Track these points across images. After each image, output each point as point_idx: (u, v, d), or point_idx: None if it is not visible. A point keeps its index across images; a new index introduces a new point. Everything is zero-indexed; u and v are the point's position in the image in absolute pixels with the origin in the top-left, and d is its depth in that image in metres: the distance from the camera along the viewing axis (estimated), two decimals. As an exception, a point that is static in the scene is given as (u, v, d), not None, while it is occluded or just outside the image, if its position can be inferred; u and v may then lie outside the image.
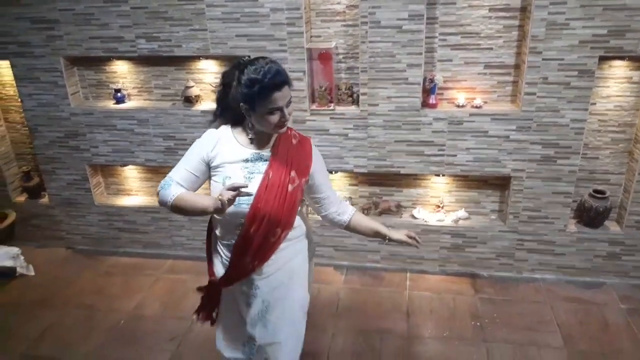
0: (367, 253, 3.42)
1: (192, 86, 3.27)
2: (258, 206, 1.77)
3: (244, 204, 1.77)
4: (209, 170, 1.85)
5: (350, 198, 3.43)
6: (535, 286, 3.19)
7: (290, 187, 1.83)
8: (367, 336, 2.82)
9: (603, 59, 2.81)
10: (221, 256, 1.95)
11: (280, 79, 1.70)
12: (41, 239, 3.86)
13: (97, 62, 3.40)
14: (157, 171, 3.66)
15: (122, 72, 3.42)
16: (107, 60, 3.37)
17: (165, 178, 1.82)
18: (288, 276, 1.95)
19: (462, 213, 3.31)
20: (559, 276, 3.26)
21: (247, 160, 1.81)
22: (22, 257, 3.53)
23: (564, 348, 2.68)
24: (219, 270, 1.96)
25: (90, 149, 3.48)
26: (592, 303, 3.03)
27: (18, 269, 3.48)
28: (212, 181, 1.86)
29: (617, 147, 3.08)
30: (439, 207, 3.35)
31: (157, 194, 1.82)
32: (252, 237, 1.81)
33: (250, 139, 1.83)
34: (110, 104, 3.41)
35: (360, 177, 3.40)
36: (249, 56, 1.71)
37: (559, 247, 3.19)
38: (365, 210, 3.40)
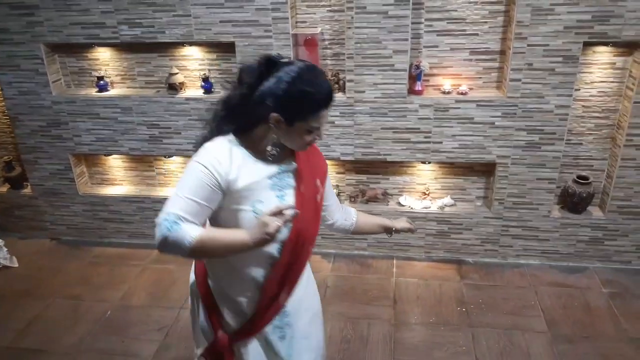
0: (355, 241, 3.43)
1: (176, 73, 3.22)
2: (299, 226, 1.49)
3: (285, 230, 1.47)
4: (224, 198, 1.45)
5: (337, 186, 3.42)
6: (520, 271, 3.23)
7: (318, 197, 1.61)
8: (355, 323, 2.84)
9: (587, 45, 2.82)
10: (235, 302, 1.60)
11: (332, 97, 1.44)
12: (24, 230, 3.81)
13: (79, 49, 3.34)
14: (141, 160, 3.62)
15: (104, 59, 3.36)
16: (89, 47, 3.31)
17: (165, 215, 1.39)
18: (305, 284, 1.70)
19: (447, 200, 3.32)
20: (543, 261, 3.30)
21: (271, 177, 1.49)
22: (5, 249, 3.48)
23: (548, 332, 2.73)
24: (231, 320, 1.62)
25: (73, 138, 3.43)
26: (575, 287, 3.07)
27: (1, 261, 3.43)
28: (237, 210, 1.45)
29: (600, 133, 3.11)
30: (425, 194, 3.36)
31: (162, 237, 1.38)
32: (290, 263, 1.54)
33: (272, 154, 1.49)
34: (93, 92, 3.35)
35: (347, 165, 3.39)
36: (278, 53, 1.47)
37: (543, 233, 3.23)
38: (353, 198, 3.40)
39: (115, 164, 3.69)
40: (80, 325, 2.89)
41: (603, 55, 2.91)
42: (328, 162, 3.33)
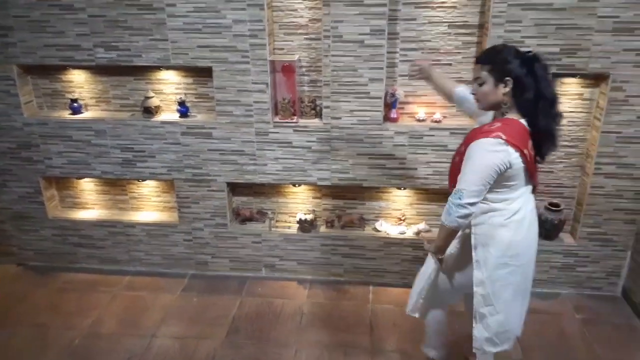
0: (331, 267, 3.41)
1: (152, 97, 3.21)
2: (451, 162, 2.18)
3: None
4: None
5: (314, 211, 3.42)
6: (495, 297, 3.25)
7: (457, 158, 2.08)
8: (331, 350, 2.80)
9: (556, 76, 2.91)
10: None
11: (480, 54, 2.03)
12: (-10, 255, 3.69)
13: (53, 71, 3.29)
14: (114, 184, 3.56)
15: (79, 81, 3.32)
16: (63, 69, 3.27)
17: None
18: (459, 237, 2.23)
19: (423, 226, 3.34)
20: (517, 287, 3.32)
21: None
22: (-32, 274, 3.36)
23: (522, 359, 2.73)
24: None
25: (44, 161, 3.35)
26: (548, 314, 3.10)
27: (-36, 287, 3.30)
28: None
29: (570, 161, 3.19)
30: (400, 219, 3.38)
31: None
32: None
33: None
34: (66, 114, 3.30)
35: (324, 190, 3.40)
36: (531, 51, 1.95)
37: (516, 259, 3.26)
38: (329, 223, 3.40)
39: (88, 187, 3.62)
40: (47, 355, 2.78)
41: (571, 86, 3.01)
42: (304, 186, 3.35)
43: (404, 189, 3.28)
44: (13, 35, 3.06)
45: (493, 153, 1.88)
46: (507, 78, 1.90)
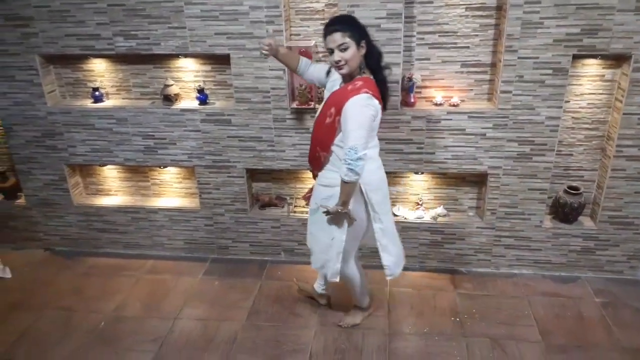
0: (348, 250, 3.44)
1: (171, 84, 3.25)
2: (314, 126, 2.46)
3: (314, 122, 2.47)
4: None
5: (331, 196, 3.44)
6: (513, 281, 3.25)
7: (327, 120, 2.33)
8: (349, 333, 2.84)
9: (576, 58, 2.87)
10: None
11: (333, 24, 2.23)
12: (18, 241, 3.80)
13: (74, 60, 3.35)
14: (136, 170, 3.63)
15: (99, 70, 3.38)
16: (84, 58, 3.33)
17: None
18: (331, 194, 2.40)
19: (440, 210, 3.35)
20: (536, 271, 3.32)
21: (327, 90, 2.47)
22: (-2, 259, 3.47)
23: (541, 342, 2.74)
24: None
25: (67, 149, 3.43)
26: (568, 297, 3.10)
27: (-6, 272, 3.42)
28: None
29: (590, 144, 3.15)
30: (418, 204, 3.39)
31: None
32: (310, 149, 2.52)
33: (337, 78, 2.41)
34: (88, 103, 3.37)
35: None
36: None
37: (535, 243, 3.25)
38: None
39: (110, 174, 3.70)
40: (73, 337, 2.88)
41: (592, 67, 2.96)
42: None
43: (422, 173, 3.28)
44: (34, 26, 3.12)
45: (367, 107, 2.22)
46: (363, 41, 2.26)
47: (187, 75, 3.31)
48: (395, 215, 3.37)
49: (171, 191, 3.69)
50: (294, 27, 3.10)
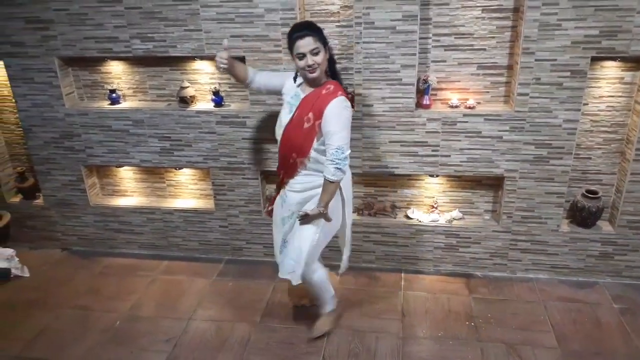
0: (362, 254, 3.43)
1: (187, 87, 3.27)
2: (285, 133, 2.45)
3: (281, 130, 2.46)
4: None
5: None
6: (529, 286, 3.21)
7: (306, 125, 2.35)
8: (362, 336, 2.83)
9: (595, 60, 2.83)
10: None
11: (302, 30, 2.28)
12: (36, 240, 3.86)
13: (92, 63, 3.40)
14: (152, 172, 3.66)
15: (116, 72, 3.42)
16: (102, 60, 3.37)
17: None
18: (307, 199, 2.49)
19: (456, 213, 3.32)
20: (552, 276, 3.28)
21: (291, 97, 2.46)
22: (16, 259, 3.52)
23: (557, 348, 2.70)
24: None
25: (85, 150, 3.48)
26: (585, 303, 3.05)
27: (13, 271, 3.47)
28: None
29: (609, 148, 3.11)
30: (433, 207, 3.36)
31: None
32: (281, 154, 2.51)
33: (298, 84, 2.48)
34: (105, 105, 3.41)
35: (355, 178, 3.40)
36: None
37: (552, 247, 3.21)
38: (360, 211, 3.41)
39: (127, 175, 3.73)
40: (89, 336, 2.91)
41: (611, 70, 2.92)
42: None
43: (437, 176, 3.26)
44: (54, 29, 3.17)
45: (346, 108, 2.34)
46: (327, 45, 2.36)
47: (203, 78, 3.34)
48: (409, 218, 3.35)
49: (186, 192, 3.72)
50: (309, 30, 3.10)
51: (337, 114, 2.31)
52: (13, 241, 3.84)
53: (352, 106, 2.51)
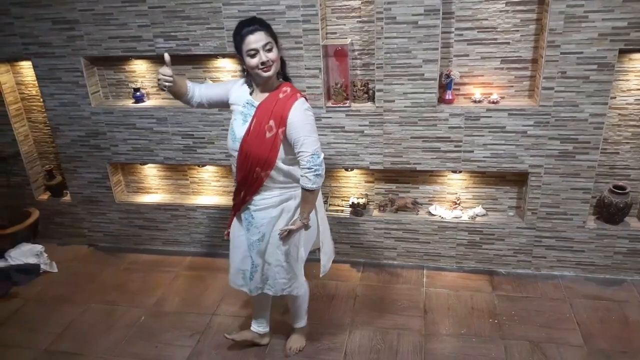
0: (384, 250, 3.42)
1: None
2: (243, 146, 2.19)
3: (237, 143, 2.20)
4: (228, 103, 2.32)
5: (366, 195, 3.43)
6: (554, 283, 3.16)
7: (268, 134, 2.15)
8: (384, 333, 2.83)
9: (623, 52, 2.76)
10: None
11: (252, 24, 2.07)
12: (64, 237, 3.95)
13: (117, 62, 3.45)
14: (175, 169, 3.71)
15: (140, 71, 3.47)
16: (126, 59, 3.43)
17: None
18: (279, 214, 2.30)
19: (479, 210, 3.29)
20: (578, 273, 3.22)
21: (243, 106, 2.23)
22: (45, 255, 3.62)
23: (584, 346, 2.65)
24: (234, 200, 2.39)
25: (110, 148, 3.54)
26: (612, 300, 2.98)
27: (42, 266, 3.56)
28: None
29: (637, 142, 3.03)
30: (455, 203, 3.33)
31: None
32: (240, 170, 2.24)
33: (250, 91, 2.25)
34: (130, 103, 3.46)
35: (377, 174, 3.40)
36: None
37: (577, 244, 3.15)
38: (382, 207, 3.40)
39: (151, 172, 3.79)
40: (115, 330, 2.97)
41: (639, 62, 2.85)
42: (357, 170, 3.36)
43: (459, 172, 3.23)
44: (79, 29, 3.23)
45: (309, 110, 2.19)
46: (279, 43, 2.19)
47: (225, 76, 3.36)
48: (431, 214, 3.33)
49: (209, 189, 3.75)
50: (330, 26, 3.10)
51: (302, 119, 2.14)
52: (42, 237, 3.93)
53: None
